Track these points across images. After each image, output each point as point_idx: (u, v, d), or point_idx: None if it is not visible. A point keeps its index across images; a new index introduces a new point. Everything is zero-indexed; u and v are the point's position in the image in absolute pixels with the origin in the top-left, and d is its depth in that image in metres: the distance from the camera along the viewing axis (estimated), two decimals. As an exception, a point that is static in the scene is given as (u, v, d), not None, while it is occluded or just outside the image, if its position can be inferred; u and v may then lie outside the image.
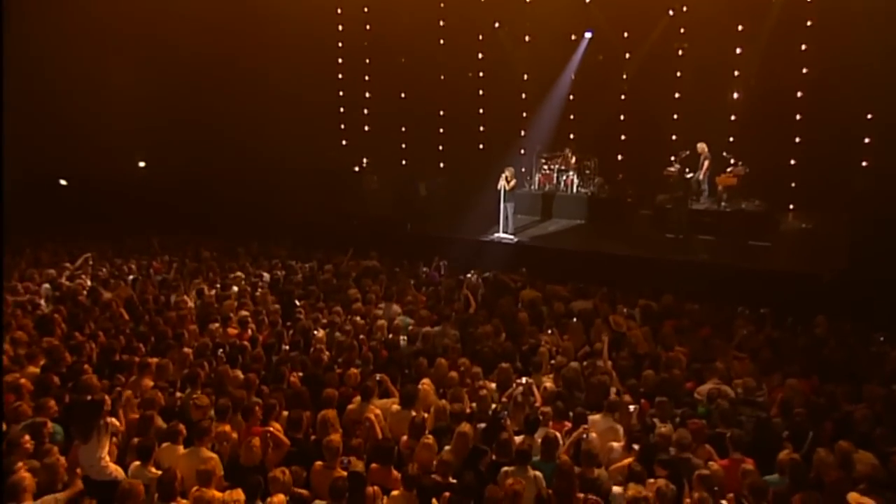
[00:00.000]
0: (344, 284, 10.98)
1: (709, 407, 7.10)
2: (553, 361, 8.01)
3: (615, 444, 6.49)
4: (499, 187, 13.87)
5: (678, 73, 17.15)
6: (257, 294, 10.54)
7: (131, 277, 11.57)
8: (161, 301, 10.49)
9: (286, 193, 17.30)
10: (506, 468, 5.84)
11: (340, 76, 21.08)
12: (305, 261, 12.70)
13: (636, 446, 6.20)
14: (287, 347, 8.47)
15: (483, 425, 6.44)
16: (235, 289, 10.77)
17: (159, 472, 5.61)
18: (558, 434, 6.45)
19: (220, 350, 8.27)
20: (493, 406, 6.85)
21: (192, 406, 6.53)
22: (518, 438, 6.16)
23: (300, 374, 7.59)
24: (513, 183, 13.98)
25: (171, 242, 14.15)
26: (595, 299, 10.49)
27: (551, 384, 7.51)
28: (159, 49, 17.77)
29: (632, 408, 6.99)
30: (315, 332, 8.73)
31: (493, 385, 7.37)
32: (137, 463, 5.97)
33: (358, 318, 9.21)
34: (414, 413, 6.53)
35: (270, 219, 16.11)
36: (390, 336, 8.75)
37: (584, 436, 6.38)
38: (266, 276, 11.81)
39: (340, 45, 20.85)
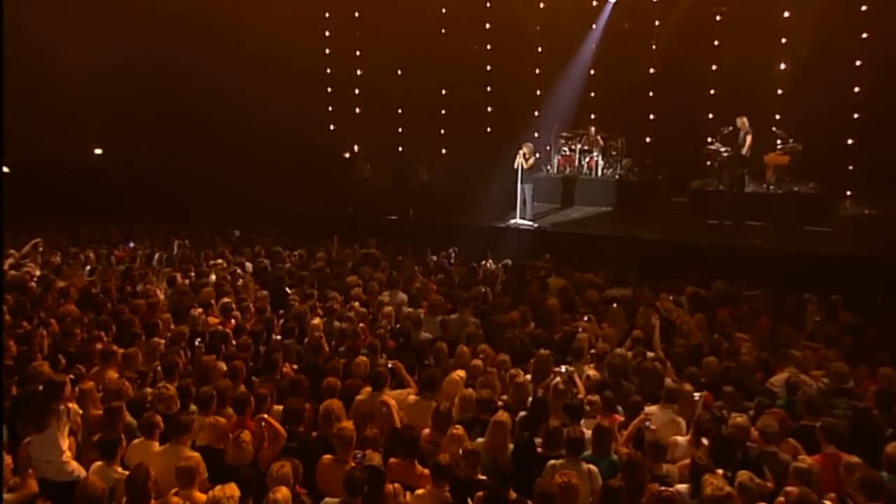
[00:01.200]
0: (341, 272, 10.89)
1: (790, 397, 6.71)
2: (593, 350, 7.83)
3: (679, 439, 6.15)
4: (515, 166, 13.73)
5: (716, 42, 17.01)
6: (239, 283, 10.32)
7: (88, 267, 11.09)
8: (126, 291, 10.07)
9: (267, 181, 17.19)
10: (554, 461, 5.56)
11: (328, 51, 20.84)
12: (293, 250, 12.54)
13: (705, 441, 5.87)
14: (279, 337, 8.29)
15: (522, 414, 6.29)
16: (214, 277, 10.56)
17: (126, 473, 5.11)
18: (614, 424, 6.19)
19: (199, 339, 8.02)
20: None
21: (156, 397, 6.23)
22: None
23: (295, 364, 7.49)
24: (531, 161, 13.84)
25: (135, 231, 13.74)
26: (633, 286, 10.46)
27: (595, 373, 7.28)
28: (118, 21, 17.57)
29: (697, 396, 6.65)
30: (311, 320, 8.56)
31: (527, 375, 7.11)
32: (100, 463, 5.52)
33: (359, 305, 9.07)
34: (435, 403, 6.26)
35: (251, 207, 15.94)
36: (398, 326, 8.57)
37: (646, 425, 6.01)
38: (248, 265, 11.62)
39: (327, 15, 20.64)
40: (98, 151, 19.94)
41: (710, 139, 15.29)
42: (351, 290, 9.77)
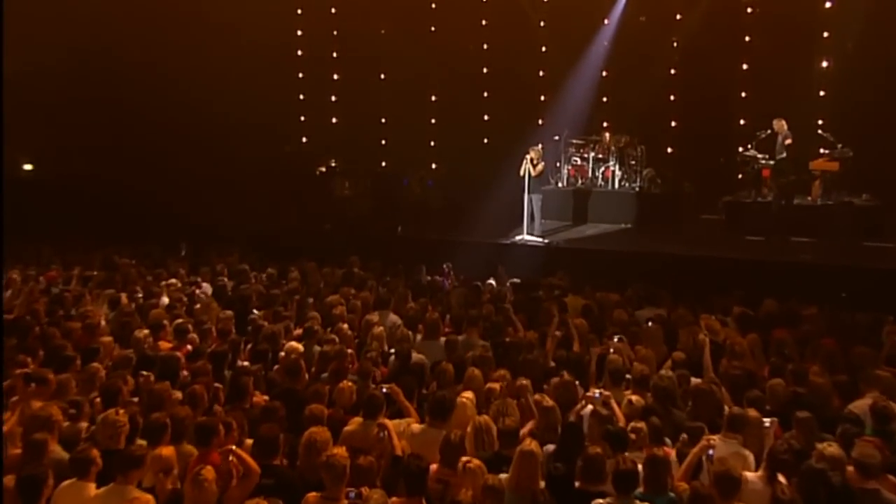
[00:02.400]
0: (320, 291, 10.85)
1: (879, 426, 6.28)
2: (629, 375, 7.46)
3: (748, 475, 5.66)
4: (521, 173, 13.69)
5: (747, 38, 16.98)
6: (197, 307, 10.05)
7: (9, 291, 10.70)
8: (58, 314, 9.67)
9: (229, 197, 16.90)
10: (600, 500, 5.16)
11: (299, 52, 20.78)
12: (261, 269, 12.27)
13: (782, 477, 5.46)
14: (246, 363, 7.92)
15: (551, 447, 5.95)
16: (166, 299, 10.27)
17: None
18: (668, 456, 5.75)
19: (147, 364, 7.64)
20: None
21: (100, 425, 5.88)
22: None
23: (266, 394, 7.18)
24: (539, 167, 13.78)
25: (72, 249, 13.31)
26: (667, 306, 10.27)
27: (637, 398, 6.85)
28: (50, 17, 17.20)
29: (767, 423, 6.23)
30: (286, 342, 8.41)
31: (551, 401, 6.70)
32: (19, 510, 5.00)
33: (345, 327, 8.81)
34: (445, 432, 5.94)
35: (210, 225, 15.66)
36: (390, 350, 8.38)
37: (709, 454, 5.60)
38: (207, 286, 11.30)
39: (299, 11, 20.49)
40: (28, 167, 19.36)
41: (741, 149, 15.24)
42: (333, 311, 9.48)
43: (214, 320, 9.21)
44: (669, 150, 17.80)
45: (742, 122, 16.65)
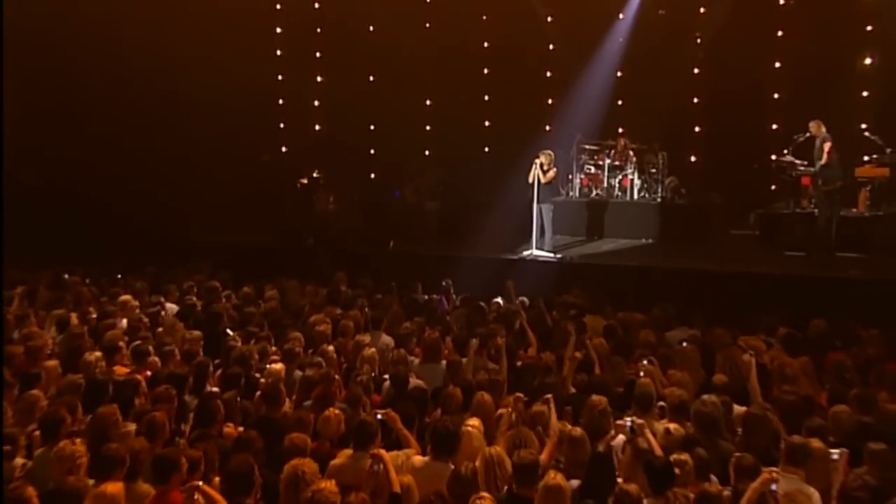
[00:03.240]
0: (301, 311, 10.67)
1: None
2: (662, 402, 7.28)
3: None
4: (530, 180, 13.52)
5: (779, 33, 16.85)
6: (159, 330, 9.83)
7: None
8: None
9: (200, 210, 16.70)
10: None
11: (279, 52, 20.63)
12: (235, 288, 12.04)
13: None
14: (215, 389, 7.74)
15: (575, 483, 5.73)
16: (125, 322, 10.01)
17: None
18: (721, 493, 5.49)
19: (98, 391, 7.38)
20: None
21: (54, 459, 5.71)
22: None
23: (241, 426, 6.96)
24: (551, 173, 13.56)
25: (16, 267, 12.87)
26: (701, 326, 10.04)
27: (676, 426, 6.61)
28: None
29: (835, 455, 5.95)
30: (263, 365, 8.30)
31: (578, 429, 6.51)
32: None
33: (330, 349, 8.69)
34: (453, 466, 5.79)
35: (178, 243, 15.57)
36: (383, 376, 8.26)
37: (772, 489, 5.30)
38: (172, 306, 11.09)
39: (278, 6, 20.38)
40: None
41: (774, 156, 15.07)
42: (316, 331, 9.34)
43: (180, 342, 8.98)
44: (693, 158, 17.76)
45: (774, 126, 16.62)
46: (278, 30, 20.42)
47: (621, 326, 10.06)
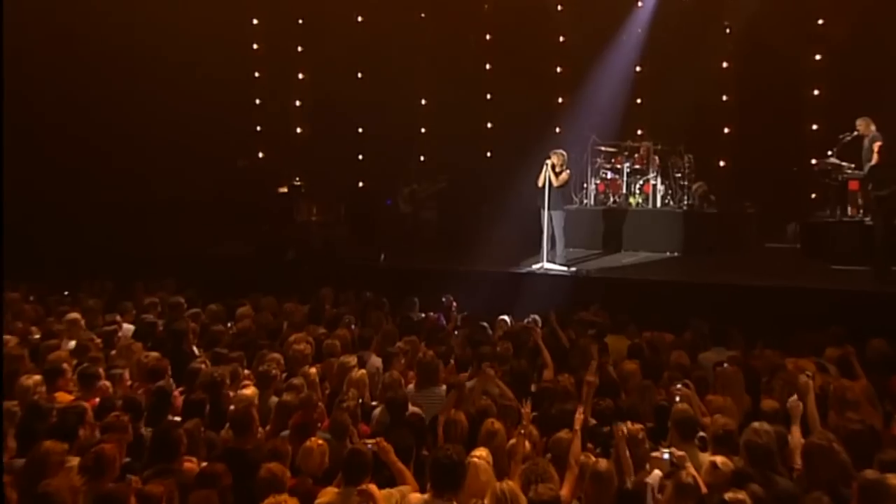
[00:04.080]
0: (279, 330, 10.60)
1: None
2: (702, 433, 7.08)
3: None
4: (540, 183, 13.48)
5: (820, 21, 16.77)
6: (113, 352, 9.64)
7: None
8: None
9: (165, 221, 16.79)
10: None
11: (255, 46, 20.63)
12: (204, 304, 11.94)
13: None
14: (177, 418, 7.53)
15: None
16: (73, 343, 9.86)
17: None
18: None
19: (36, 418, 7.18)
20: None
21: None
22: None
23: (204, 460, 6.72)
24: (564, 175, 13.55)
25: None
26: (741, 347, 9.86)
27: (724, 459, 6.35)
28: None
29: None
30: (233, 390, 8.25)
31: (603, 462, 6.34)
32: None
33: (312, 371, 8.54)
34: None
35: (139, 256, 15.40)
36: (372, 402, 8.30)
37: None
38: (129, 326, 10.98)
39: (257, -5, 20.46)
40: None
41: (814, 161, 14.83)
42: (296, 352, 9.15)
43: (135, 365, 8.84)
44: (722, 162, 17.71)
45: (814, 126, 16.51)
46: (255, 21, 20.45)
47: (648, 347, 9.91)
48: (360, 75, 20.05)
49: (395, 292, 12.54)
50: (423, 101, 19.90)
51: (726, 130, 17.62)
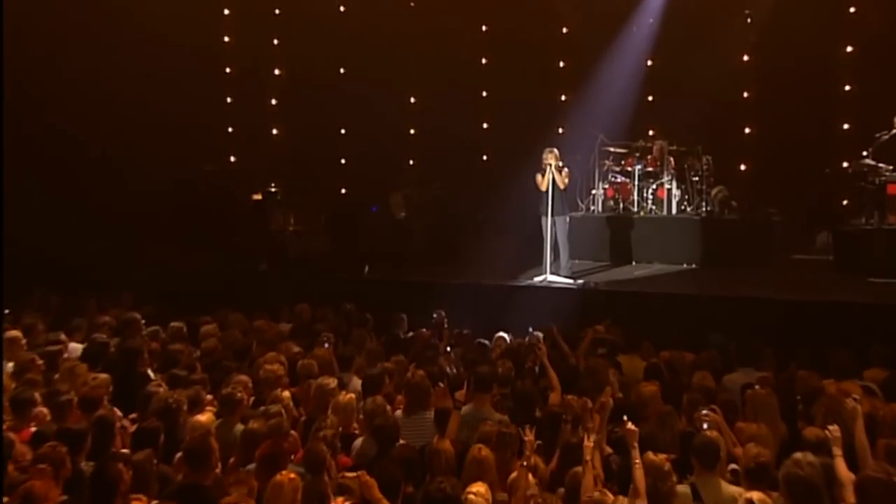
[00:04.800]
0: (248, 350, 10.56)
1: None
2: (734, 465, 7.12)
3: None
4: (544, 186, 13.40)
5: (851, 9, 16.75)
6: (56, 376, 9.47)
7: None
8: None
9: (123, 229, 16.74)
10: None
11: (227, 38, 20.55)
12: (164, 322, 11.81)
13: None
14: (125, 450, 7.38)
15: None
16: (10, 365, 9.73)
17: None
18: None
19: None
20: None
21: None
22: None
23: (155, 498, 6.58)
24: (564, 176, 13.50)
25: None
26: (772, 368, 9.80)
27: (761, 496, 6.16)
28: None
29: None
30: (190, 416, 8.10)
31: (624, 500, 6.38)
32: None
33: (285, 395, 8.52)
34: None
35: (92, 268, 15.32)
36: (355, 430, 8.14)
37: None
38: (76, 345, 10.95)
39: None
40: None
41: (846, 164, 15.03)
42: (267, 373, 9.09)
43: (79, 387, 8.63)
44: (742, 166, 17.69)
45: (846, 125, 16.61)
46: (226, 11, 20.38)
47: (667, 368, 9.82)
48: (342, 71, 20.03)
49: (381, 308, 12.49)
50: (413, 100, 19.91)
51: (747, 130, 17.63)
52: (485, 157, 19.39)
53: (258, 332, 11.44)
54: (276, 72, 20.55)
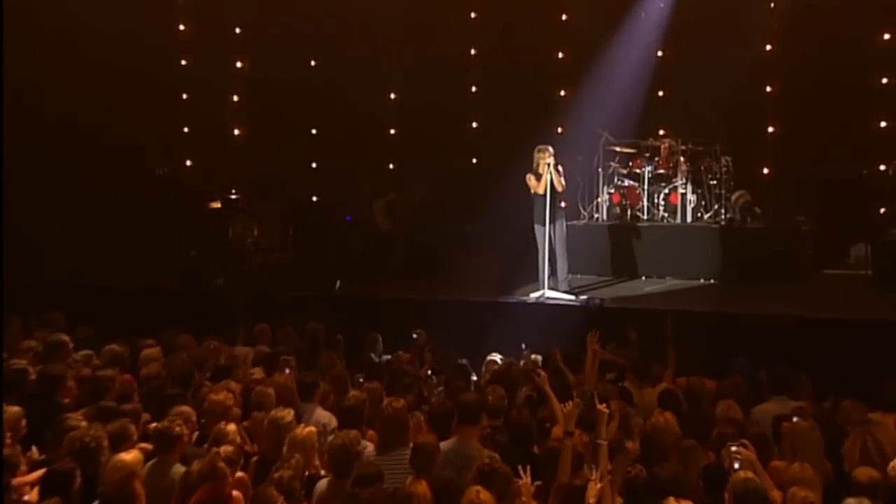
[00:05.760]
0: (192, 376, 10.25)
1: None
2: None
3: None
4: (541, 189, 13.23)
5: None
6: None
7: None
8: None
9: (58, 244, 16.53)
10: None
11: (182, 27, 20.46)
12: (97, 346, 11.38)
13: None
14: (29, 498, 7.26)
15: None
16: None
17: None
18: None
19: None
20: None
21: None
22: None
23: None
24: (561, 177, 13.35)
25: None
26: (809, 397, 9.61)
27: None
28: None
29: None
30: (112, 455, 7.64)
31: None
32: None
33: (231, 429, 8.14)
34: None
35: (20, 285, 14.44)
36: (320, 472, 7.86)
37: None
38: None
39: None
40: None
41: (884, 167, 14.89)
42: (213, 404, 8.83)
43: None
44: (766, 169, 17.58)
45: (883, 123, 16.44)
46: None
47: (686, 396, 9.61)
48: (313, 63, 20.02)
49: (354, 328, 12.36)
50: (393, 96, 19.91)
51: (770, 129, 17.52)
52: (474, 161, 19.37)
53: (208, 356, 11.16)
54: (238, 64, 20.46)
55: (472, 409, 8.20)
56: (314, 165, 20.39)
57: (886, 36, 16.51)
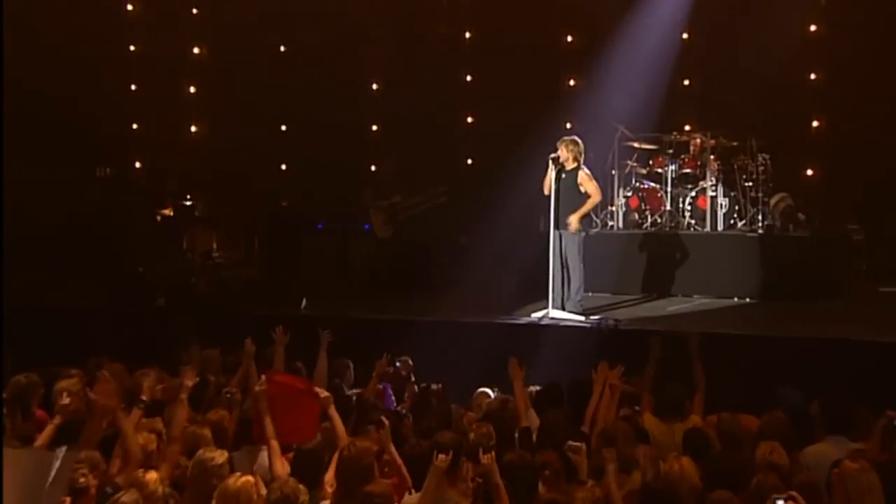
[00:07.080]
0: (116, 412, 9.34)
1: None
2: None
3: None
4: (546, 189, 13.11)
5: None
6: None
7: None
8: None
9: None
10: None
11: (130, 7, 20.77)
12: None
13: None
14: None
15: None
16: None
17: None
18: None
19: None
20: None
21: None
22: None
23: None
24: (591, 186, 13.34)
25: None
26: (869, 435, 9.25)
27: None
28: None
29: None
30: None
31: None
32: None
33: (152, 479, 7.54)
34: None
35: None
36: None
37: None
38: None
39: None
40: None
41: None
42: (132, 449, 8.33)
43: None
44: (809, 170, 17.62)
45: None
46: None
47: (719, 436, 9.23)
48: (282, 49, 20.18)
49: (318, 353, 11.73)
50: (375, 86, 19.99)
51: (815, 124, 17.50)
52: (469, 161, 19.47)
53: (136, 388, 10.16)
54: (196, 50, 20.57)
55: (449, 448, 7.62)
56: (283, 167, 20.50)
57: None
